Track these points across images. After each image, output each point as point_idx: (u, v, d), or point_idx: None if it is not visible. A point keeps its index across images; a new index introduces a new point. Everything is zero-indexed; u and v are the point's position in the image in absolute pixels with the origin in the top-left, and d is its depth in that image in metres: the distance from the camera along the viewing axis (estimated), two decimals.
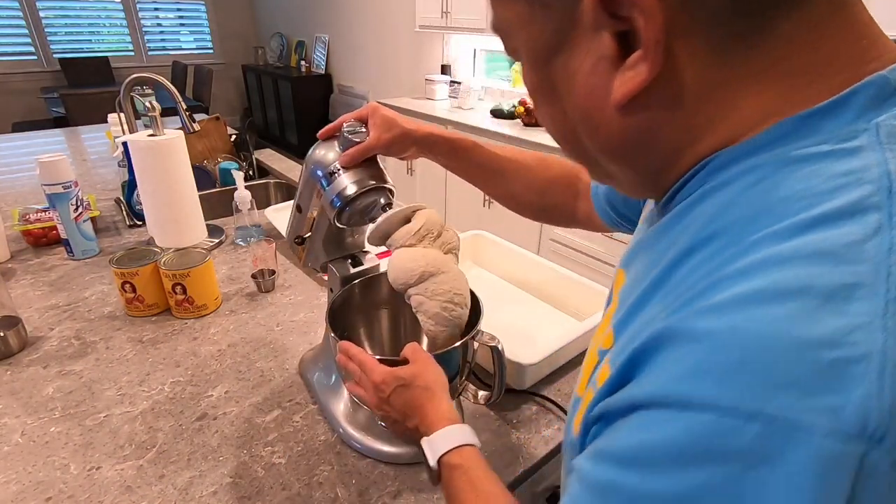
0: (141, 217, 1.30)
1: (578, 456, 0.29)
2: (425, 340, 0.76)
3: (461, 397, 0.75)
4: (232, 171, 1.33)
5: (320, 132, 0.68)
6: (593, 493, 0.26)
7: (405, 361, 0.56)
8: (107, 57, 4.93)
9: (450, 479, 0.47)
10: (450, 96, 3.23)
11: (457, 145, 0.70)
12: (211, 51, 5.82)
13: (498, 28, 0.37)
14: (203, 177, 1.61)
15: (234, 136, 1.83)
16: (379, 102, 0.72)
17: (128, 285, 0.92)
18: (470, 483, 0.46)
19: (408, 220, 0.65)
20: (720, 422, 0.20)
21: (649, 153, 0.31)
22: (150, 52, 5.42)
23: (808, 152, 0.25)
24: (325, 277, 0.76)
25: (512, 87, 3.21)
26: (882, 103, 0.24)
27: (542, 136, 2.44)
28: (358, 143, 0.65)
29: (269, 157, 1.99)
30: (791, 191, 0.24)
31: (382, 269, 0.75)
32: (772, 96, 0.26)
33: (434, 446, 0.48)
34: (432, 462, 0.48)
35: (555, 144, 0.37)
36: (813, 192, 0.23)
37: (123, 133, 1.29)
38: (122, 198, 1.39)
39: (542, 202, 0.75)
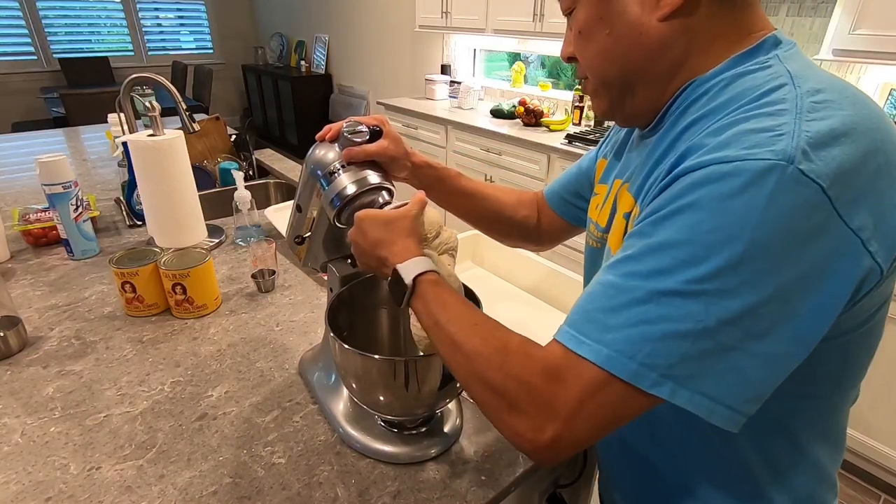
0: (141, 217, 1.30)
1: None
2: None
3: (460, 397, 0.75)
4: (232, 171, 1.33)
5: (319, 134, 0.68)
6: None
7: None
8: (107, 57, 4.93)
9: (430, 290, 0.53)
10: (450, 96, 3.23)
11: (443, 174, 0.79)
12: (211, 51, 5.82)
13: None
14: (203, 177, 1.61)
15: (234, 136, 1.83)
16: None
17: (128, 285, 0.93)
18: (452, 294, 0.53)
19: None
20: (725, 166, 0.38)
21: (666, 59, 0.48)
22: (150, 52, 5.42)
23: (747, 68, 0.45)
24: (325, 277, 0.76)
25: (512, 87, 3.21)
26: (776, 46, 0.46)
27: (541, 137, 2.44)
28: (358, 142, 0.65)
29: (269, 157, 1.99)
30: (744, 86, 0.44)
31: None
32: (725, 43, 0.47)
33: (409, 269, 0.54)
34: (408, 280, 0.54)
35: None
36: (756, 84, 0.43)
37: (123, 133, 1.29)
38: (122, 198, 1.39)
39: (515, 217, 0.84)
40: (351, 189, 0.64)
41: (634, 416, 0.42)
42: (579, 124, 2.63)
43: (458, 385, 0.64)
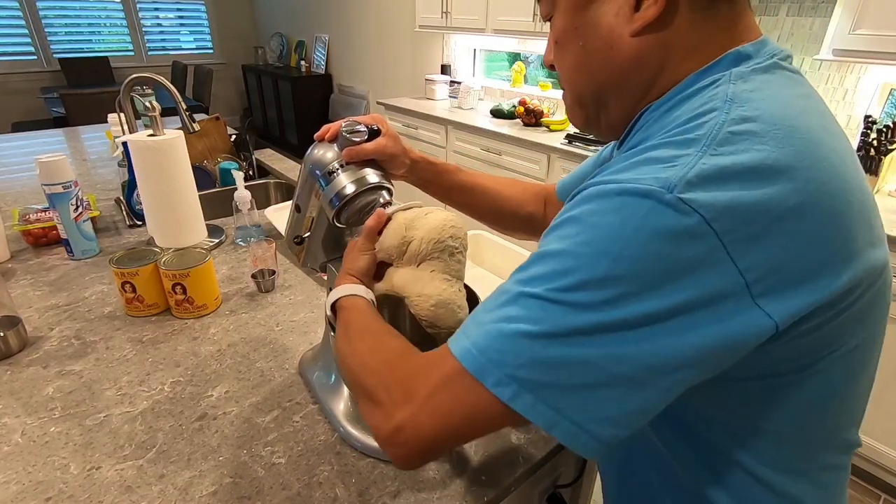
0: (141, 217, 1.30)
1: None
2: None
3: None
4: (232, 171, 1.33)
5: (317, 134, 0.68)
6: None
7: None
8: (107, 57, 4.92)
9: (339, 318, 0.57)
10: (450, 96, 3.23)
11: (441, 169, 0.79)
12: (211, 51, 5.82)
13: None
14: (203, 177, 1.61)
15: (234, 136, 1.83)
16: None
17: (128, 285, 0.93)
18: (357, 314, 0.56)
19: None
20: (611, 186, 0.38)
21: (639, 75, 0.46)
22: (150, 52, 5.41)
23: (696, 89, 0.43)
24: (325, 277, 0.76)
25: (512, 87, 3.21)
26: (740, 62, 0.43)
27: (541, 137, 2.44)
28: (357, 142, 0.65)
29: (269, 157, 1.99)
30: (682, 109, 0.42)
31: None
32: (702, 57, 0.44)
33: (329, 298, 0.59)
34: (328, 311, 0.59)
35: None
36: (691, 108, 0.41)
37: (123, 133, 1.29)
38: (122, 198, 1.39)
39: (520, 213, 0.84)
40: (350, 189, 0.64)
41: (484, 423, 0.40)
42: None
43: None
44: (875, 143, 1.69)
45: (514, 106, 2.78)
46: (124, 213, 1.37)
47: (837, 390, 0.45)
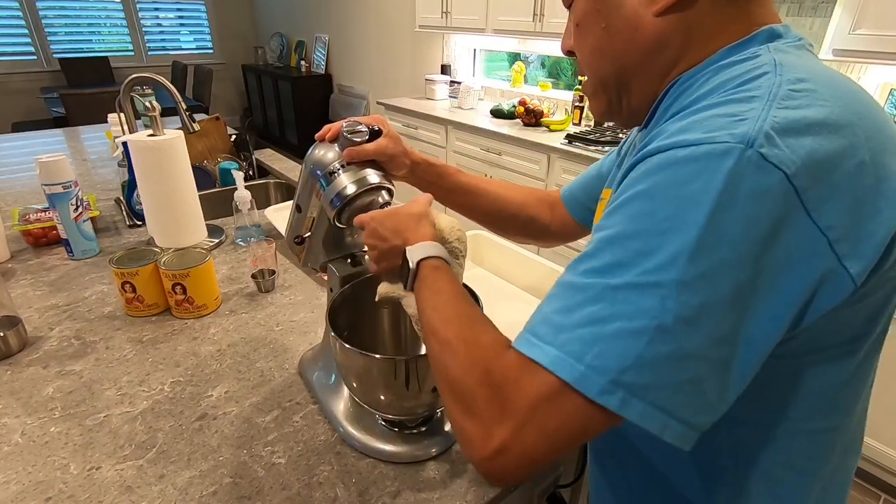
0: (141, 217, 1.30)
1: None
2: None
3: None
4: (232, 171, 1.33)
5: (318, 134, 0.68)
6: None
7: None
8: (107, 57, 4.93)
9: (430, 276, 0.53)
10: (450, 96, 3.23)
11: (441, 171, 0.79)
12: (211, 51, 5.82)
13: None
14: (203, 177, 1.61)
15: (234, 136, 1.83)
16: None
17: (128, 285, 0.92)
18: (449, 282, 0.52)
19: None
20: (681, 150, 0.36)
21: (662, 56, 0.46)
22: (150, 52, 5.42)
23: (733, 60, 0.42)
24: (325, 277, 0.76)
25: (512, 87, 3.21)
26: (774, 38, 0.43)
27: (541, 137, 2.44)
28: (358, 142, 0.65)
29: (269, 157, 1.99)
30: (725, 77, 0.41)
31: None
32: (725, 39, 0.44)
33: (416, 252, 0.55)
34: (412, 263, 0.54)
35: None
36: (737, 74, 0.40)
37: (123, 133, 1.29)
38: (122, 198, 1.39)
39: (522, 215, 0.83)
40: (351, 189, 0.64)
41: (591, 434, 0.38)
42: (579, 124, 2.63)
43: None
44: None
45: (514, 106, 2.78)
46: (124, 213, 1.37)
47: (863, 374, 0.45)
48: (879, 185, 0.36)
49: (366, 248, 0.63)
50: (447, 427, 0.70)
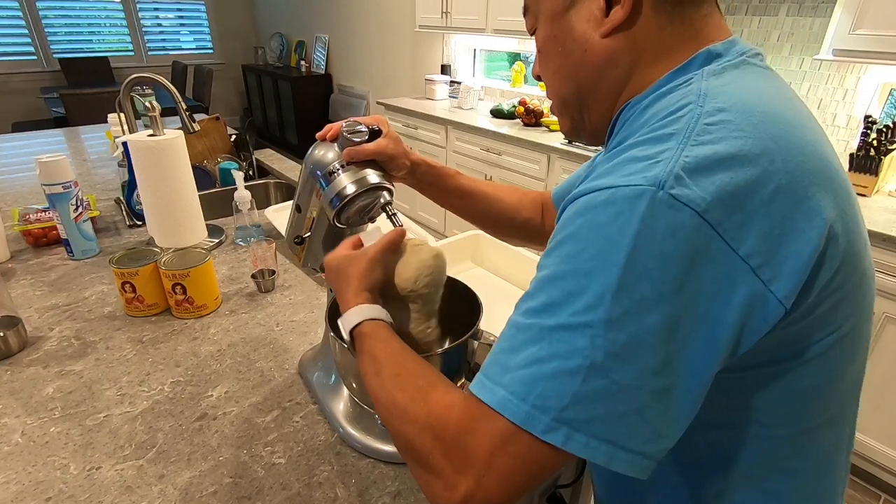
0: (141, 217, 1.30)
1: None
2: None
3: None
4: (232, 171, 1.33)
5: (319, 133, 0.68)
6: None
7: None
8: (107, 57, 4.93)
9: (360, 345, 0.53)
10: (450, 96, 3.23)
11: (441, 172, 0.79)
12: (211, 51, 5.82)
13: (528, 2, 0.53)
14: (203, 177, 1.61)
15: (234, 136, 1.83)
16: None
17: (128, 285, 0.93)
18: (385, 341, 0.52)
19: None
20: (602, 194, 0.38)
21: (612, 74, 0.48)
22: (150, 52, 5.42)
23: (670, 88, 0.44)
24: (325, 277, 0.76)
25: (512, 87, 3.21)
26: (711, 60, 0.45)
27: (541, 137, 2.43)
28: (358, 142, 0.65)
29: (269, 157, 1.99)
30: (658, 108, 0.43)
31: None
32: (673, 57, 0.46)
33: (348, 320, 0.55)
34: (345, 335, 0.55)
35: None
36: (666, 106, 0.42)
37: (123, 133, 1.29)
38: (122, 198, 1.39)
39: (518, 219, 0.84)
40: (350, 189, 0.64)
41: (549, 471, 0.39)
42: None
43: (458, 384, 0.64)
44: (875, 143, 1.68)
45: (514, 106, 2.78)
46: (124, 213, 1.37)
47: (828, 381, 0.45)
48: (800, 205, 0.37)
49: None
50: None
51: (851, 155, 1.72)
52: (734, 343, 0.37)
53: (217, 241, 1.25)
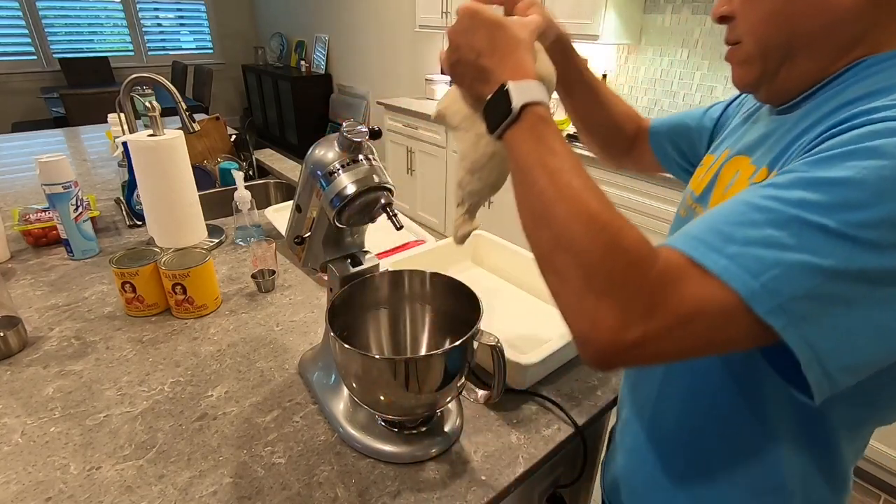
0: (141, 217, 1.30)
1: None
2: (426, 334, 0.76)
3: (461, 397, 0.75)
4: (232, 171, 1.33)
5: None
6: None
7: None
8: (107, 57, 4.93)
9: (539, 127, 0.45)
10: None
11: (577, 61, 0.70)
12: (211, 51, 5.82)
13: None
14: (203, 177, 1.61)
15: (234, 136, 1.83)
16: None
17: (128, 285, 0.93)
18: (563, 141, 0.45)
19: None
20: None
21: (848, 30, 0.43)
22: (150, 52, 5.42)
23: None
24: (325, 277, 0.76)
25: None
26: None
27: None
28: (357, 142, 0.65)
29: (269, 157, 1.99)
30: None
31: (382, 269, 0.75)
32: None
33: (521, 91, 0.46)
34: (517, 103, 0.45)
35: None
36: None
37: (123, 133, 1.29)
38: (122, 198, 1.39)
39: (615, 124, 0.78)
40: (351, 189, 0.64)
41: (728, 349, 0.38)
42: None
43: (458, 384, 0.64)
44: None
45: None
46: (124, 213, 1.37)
47: None
48: None
49: (450, 56, 0.53)
50: (447, 427, 0.70)
51: None
52: None
53: (217, 241, 1.25)
